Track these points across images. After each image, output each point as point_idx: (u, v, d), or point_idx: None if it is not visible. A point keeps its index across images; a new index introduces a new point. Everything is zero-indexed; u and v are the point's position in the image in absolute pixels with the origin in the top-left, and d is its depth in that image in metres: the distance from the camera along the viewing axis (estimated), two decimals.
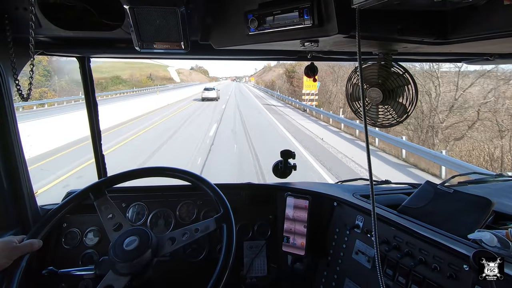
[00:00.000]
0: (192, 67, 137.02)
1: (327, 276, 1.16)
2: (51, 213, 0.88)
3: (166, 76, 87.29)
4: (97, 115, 1.37)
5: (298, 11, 0.72)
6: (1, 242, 0.75)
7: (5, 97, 0.92)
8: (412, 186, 1.36)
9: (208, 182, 0.97)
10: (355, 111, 1.14)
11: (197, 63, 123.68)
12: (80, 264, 1.20)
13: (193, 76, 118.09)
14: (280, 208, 1.35)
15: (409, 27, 0.77)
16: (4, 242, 0.76)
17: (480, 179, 1.52)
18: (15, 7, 0.83)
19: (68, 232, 1.23)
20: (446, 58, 1.27)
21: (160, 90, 42.18)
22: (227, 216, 0.88)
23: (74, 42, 1.07)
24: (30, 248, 0.78)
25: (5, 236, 0.94)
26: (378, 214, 1.03)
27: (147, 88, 47.31)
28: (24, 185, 1.00)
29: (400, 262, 0.89)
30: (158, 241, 0.83)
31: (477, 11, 0.71)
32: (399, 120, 1.04)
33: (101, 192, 0.93)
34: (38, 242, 0.81)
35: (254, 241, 1.35)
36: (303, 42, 0.81)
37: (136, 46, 0.86)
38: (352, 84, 1.11)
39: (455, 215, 0.94)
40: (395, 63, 1.00)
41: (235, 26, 0.86)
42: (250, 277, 1.32)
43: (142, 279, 0.80)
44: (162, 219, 1.32)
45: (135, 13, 0.80)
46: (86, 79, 1.30)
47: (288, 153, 1.40)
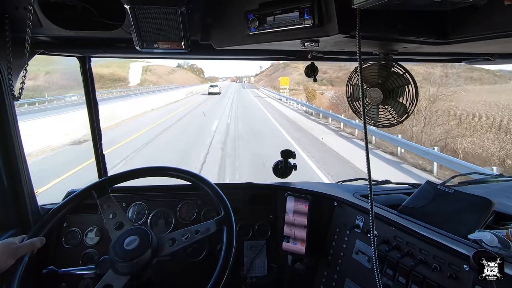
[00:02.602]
0: (179, 64, 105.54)
1: (327, 276, 1.16)
2: (51, 212, 0.88)
3: (116, 75, 55.99)
4: (98, 114, 1.37)
5: (299, 11, 0.72)
6: (2, 244, 0.75)
7: (6, 97, 0.92)
8: (412, 186, 1.36)
9: (208, 182, 0.97)
10: (355, 111, 1.14)
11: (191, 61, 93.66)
12: (80, 263, 1.20)
13: (175, 76, 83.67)
14: (280, 208, 1.35)
15: (409, 27, 0.77)
16: (5, 243, 0.75)
17: (480, 179, 1.52)
18: (15, 7, 0.83)
19: (69, 231, 1.24)
20: (446, 58, 1.27)
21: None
22: (228, 218, 0.88)
23: (74, 41, 1.07)
24: (32, 247, 0.77)
25: (6, 235, 0.95)
26: (378, 214, 1.03)
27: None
28: (24, 185, 1.01)
29: (400, 262, 0.89)
30: (158, 241, 0.83)
31: (478, 11, 0.71)
32: (399, 120, 1.04)
33: (104, 191, 0.93)
34: (40, 240, 0.80)
35: (254, 241, 1.35)
36: (303, 42, 0.81)
37: (137, 46, 0.86)
38: (352, 84, 1.11)
39: (456, 215, 0.94)
40: (396, 63, 1.00)
41: (235, 26, 0.86)
42: (250, 277, 1.32)
43: (141, 279, 0.80)
44: (162, 219, 1.32)
45: (136, 13, 0.80)
46: (87, 79, 1.31)
47: (288, 153, 1.40)
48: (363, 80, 1.02)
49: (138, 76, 64.12)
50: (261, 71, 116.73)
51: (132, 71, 62.98)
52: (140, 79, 64.41)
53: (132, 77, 61.55)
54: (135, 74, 63.80)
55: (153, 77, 69.40)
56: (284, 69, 66.53)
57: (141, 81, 63.68)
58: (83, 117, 9.47)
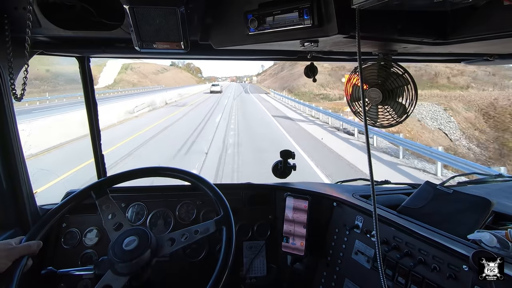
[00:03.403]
0: (173, 62, 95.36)
1: (327, 276, 1.16)
2: (50, 213, 0.88)
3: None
4: (97, 115, 1.37)
5: (298, 11, 0.72)
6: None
7: (5, 97, 0.92)
8: (411, 186, 1.36)
9: (208, 182, 0.97)
10: (355, 112, 1.14)
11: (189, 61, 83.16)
12: (79, 264, 1.20)
13: (166, 75, 73.17)
14: (280, 208, 1.35)
15: (409, 28, 0.77)
16: (1, 244, 0.75)
17: (479, 179, 1.52)
18: (14, 7, 0.82)
19: (68, 232, 1.23)
20: (446, 58, 1.27)
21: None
22: (227, 218, 0.88)
23: (73, 42, 1.07)
24: (28, 250, 0.77)
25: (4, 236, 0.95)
26: (378, 214, 1.03)
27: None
28: (23, 185, 1.00)
29: (399, 262, 0.89)
30: (157, 241, 0.82)
31: (477, 11, 0.71)
32: (399, 120, 1.04)
33: (103, 191, 0.93)
34: (37, 244, 0.79)
35: (254, 241, 1.35)
36: (303, 42, 0.80)
37: (136, 46, 0.86)
38: (352, 85, 1.11)
39: (455, 215, 0.94)
40: (395, 64, 1.00)
41: (235, 26, 0.86)
42: (249, 277, 1.32)
43: (141, 279, 0.80)
44: (162, 219, 1.32)
45: (135, 13, 0.80)
46: (86, 79, 1.30)
47: (287, 153, 1.40)
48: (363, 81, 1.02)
49: (112, 75, 51.00)
50: (263, 70, 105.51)
51: (107, 69, 50.35)
52: (115, 79, 50.56)
53: (104, 77, 49.45)
54: (110, 73, 50.62)
55: (133, 77, 56.03)
56: (293, 67, 51.90)
57: (115, 82, 49.51)
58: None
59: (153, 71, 68.64)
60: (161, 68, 75.40)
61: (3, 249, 0.74)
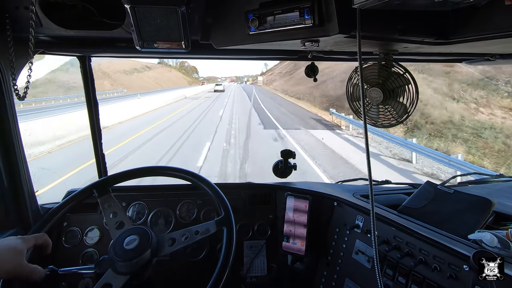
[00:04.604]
0: (161, 60, 77.05)
1: (327, 276, 1.16)
2: (51, 211, 0.88)
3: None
4: (98, 114, 1.37)
5: (299, 10, 0.72)
6: (4, 247, 0.69)
7: (6, 96, 0.92)
8: (412, 186, 1.36)
9: (208, 182, 0.97)
10: (355, 111, 1.14)
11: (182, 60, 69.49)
12: (80, 263, 1.20)
13: (145, 75, 57.47)
14: (280, 208, 1.35)
15: (409, 27, 0.77)
16: (6, 240, 0.74)
17: (480, 179, 1.52)
18: (16, 6, 0.83)
19: (69, 231, 1.24)
20: (447, 58, 1.27)
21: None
22: (227, 218, 0.88)
23: (75, 41, 1.07)
24: (34, 241, 0.74)
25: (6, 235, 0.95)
26: (378, 214, 1.03)
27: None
28: (24, 184, 1.01)
29: (400, 262, 0.89)
30: (158, 241, 0.83)
31: (478, 11, 0.71)
32: (400, 120, 1.04)
33: (105, 190, 0.94)
34: (43, 236, 0.76)
35: (254, 241, 1.35)
36: (303, 42, 0.81)
37: (137, 45, 0.86)
38: (352, 84, 1.11)
39: (455, 215, 0.94)
40: (396, 63, 1.00)
41: (235, 26, 0.86)
42: (250, 276, 1.32)
43: (141, 278, 0.80)
44: (162, 219, 1.32)
45: (136, 13, 0.80)
46: (87, 78, 1.31)
47: (288, 153, 1.40)
48: (363, 80, 1.02)
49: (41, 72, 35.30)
50: (269, 69, 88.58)
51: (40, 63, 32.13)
52: (37, 80, 32.55)
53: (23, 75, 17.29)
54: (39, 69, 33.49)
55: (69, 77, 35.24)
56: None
57: (34, 86, 25.08)
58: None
59: (125, 69, 52.75)
60: (142, 67, 61.86)
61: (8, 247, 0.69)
